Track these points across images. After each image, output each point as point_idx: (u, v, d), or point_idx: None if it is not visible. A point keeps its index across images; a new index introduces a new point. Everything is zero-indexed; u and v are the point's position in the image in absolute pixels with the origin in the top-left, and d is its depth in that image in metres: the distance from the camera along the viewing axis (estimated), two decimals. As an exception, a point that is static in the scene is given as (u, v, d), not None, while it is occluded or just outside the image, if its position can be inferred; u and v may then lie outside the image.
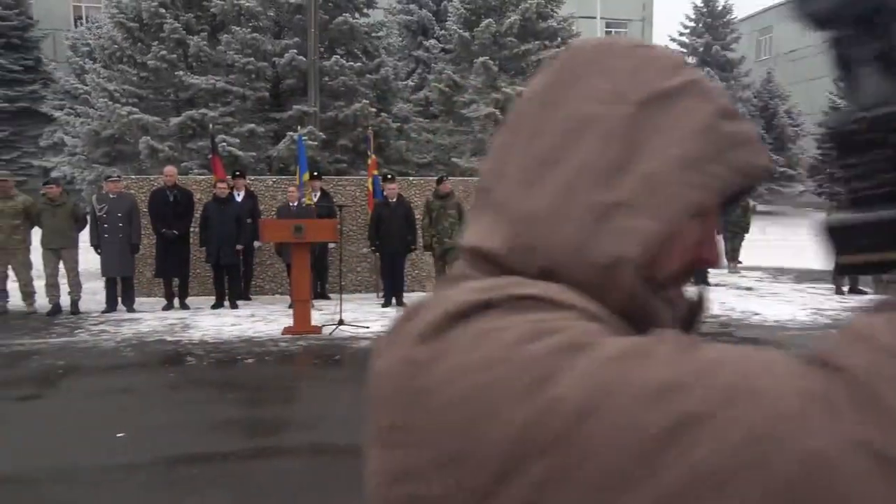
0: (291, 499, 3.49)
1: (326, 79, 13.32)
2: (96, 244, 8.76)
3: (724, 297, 10.33)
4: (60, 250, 8.73)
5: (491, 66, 14.46)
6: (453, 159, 14.34)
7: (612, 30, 34.44)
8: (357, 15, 14.45)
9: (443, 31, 16.21)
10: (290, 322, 7.76)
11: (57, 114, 24.33)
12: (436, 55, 19.42)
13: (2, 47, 25.84)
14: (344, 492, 3.59)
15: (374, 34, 14.67)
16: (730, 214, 13.66)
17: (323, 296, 9.87)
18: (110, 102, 12.92)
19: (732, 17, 30.65)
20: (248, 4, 13.19)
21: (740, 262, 14.54)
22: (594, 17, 17.84)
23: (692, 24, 30.56)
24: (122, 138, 13.31)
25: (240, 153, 12.36)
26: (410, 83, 19.60)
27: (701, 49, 29.78)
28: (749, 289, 11.13)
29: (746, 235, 14.07)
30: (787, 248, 16.30)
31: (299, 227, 7.41)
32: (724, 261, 13.90)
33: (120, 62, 13.76)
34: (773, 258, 15.22)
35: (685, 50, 30.55)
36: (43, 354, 6.64)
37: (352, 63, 13.67)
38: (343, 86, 13.51)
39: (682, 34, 30.75)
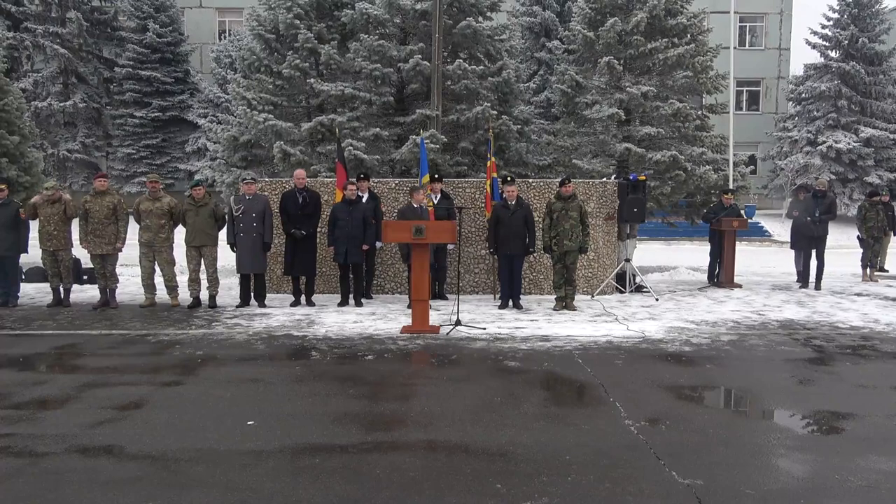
0: (406, 493, 3.57)
1: (449, 82, 13.51)
2: (232, 242, 9.33)
3: (866, 308, 9.58)
4: (202, 248, 9.37)
5: (615, 65, 14.12)
6: (574, 161, 14.12)
7: (747, 24, 32.72)
8: (481, 19, 14.56)
9: (566, 32, 16.00)
10: (408, 321, 7.94)
11: (201, 121, 26.24)
12: (558, 56, 19.23)
13: (157, 62, 28.16)
14: (457, 488, 3.63)
15: (496, 37, 14.71)
16: (869, 219, 12.67)
17: (440, 296, 10.01)
18: (248, 110, 13.71)
19: (882, 6, 28.26)
20: (375, 12, 13.61)
21: (886, 271, 13.44)
22: (727, 12, 17.01)
23: (835, 15, 28.46)
24: (257, 143, 14.10)
25: (364, 156, 12.77)
26: (532, 85, 19.52)
27: (846, 42, 27.68)
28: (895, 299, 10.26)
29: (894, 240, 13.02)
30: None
31: (420, 228, 7.57)
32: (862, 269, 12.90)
33: (258, 72, 14.58)
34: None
35: (827, 44, 28.54)
36: (184, 344, 7.16)
37: (474, 66, 13.77)
38: (465, 89, 13.64)
39: (824, 27, 28.71)
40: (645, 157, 13.66)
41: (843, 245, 16.03)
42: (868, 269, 12.80)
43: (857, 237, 12.95)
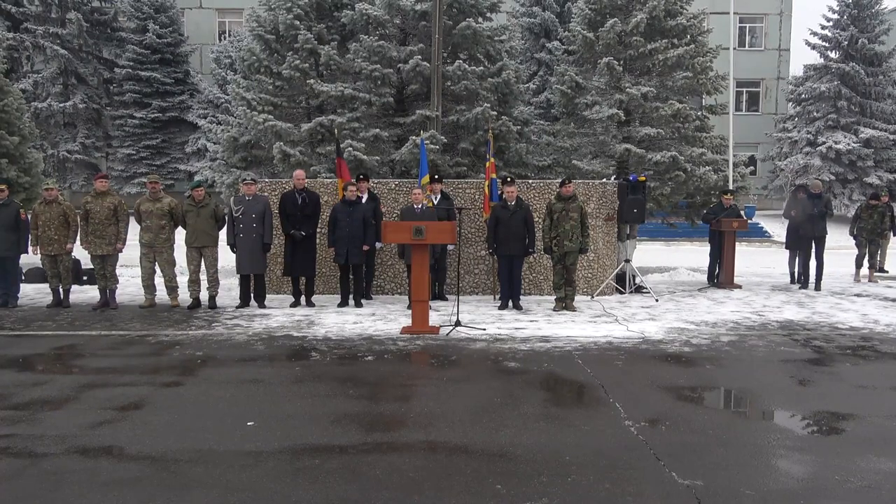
0: (406, 494, 3.57)
1: (449, 83, 13.51)
2: (232, 243, 9.33)
3: (866, 309, 9.58)
4: (203, 248, 9.37)
5: (615, 66, 14.12)
6: (574, 162, 14.12)
7: (747, 25, 32.73)
8: (480, 19, 14.57)
9: (566, 33, 16.00)
10: (408, 322, 7.94)
11: (201, 122, 26.24)
12: (558, 57, 19.24)
13: (157, 62, 28.16)
14: (457, 489, 3.63)
15: (496, 38, 14.72)
16: (864, 220, 12.68)
17: (440, 297, 10.01)
18: (248, 110, 13.72)
19: (882, 7, 28.27)
20: (375, 13, 13.62)
21: (886, 271, 13.43)
22: (727, 13, 17.02)
23: (835, 16, 28.47)
24: (257, 144, 14.10)
25: (364, 157, 12.77)
26: (532, 86, 19.55)
27: (845, 43, 27.69)
28: (895, 300, 10.26)
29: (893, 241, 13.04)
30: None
31: (419, 228, 7.56)
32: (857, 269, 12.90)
33: (258, 72, 14.57)
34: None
35: (827, 44, 28.55)
36: (184, 345, 7.16)
37: (474, 67, 13.78)
38: (465, 90, 13.64)
39: (823, 27, 28.72)
40: (645, 157, 13.67)
41: (843, 245, 16.02)
42: (869, 270, 12.80)
43: (854, 236, 12.99)
